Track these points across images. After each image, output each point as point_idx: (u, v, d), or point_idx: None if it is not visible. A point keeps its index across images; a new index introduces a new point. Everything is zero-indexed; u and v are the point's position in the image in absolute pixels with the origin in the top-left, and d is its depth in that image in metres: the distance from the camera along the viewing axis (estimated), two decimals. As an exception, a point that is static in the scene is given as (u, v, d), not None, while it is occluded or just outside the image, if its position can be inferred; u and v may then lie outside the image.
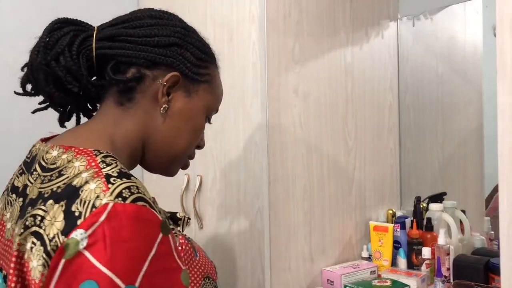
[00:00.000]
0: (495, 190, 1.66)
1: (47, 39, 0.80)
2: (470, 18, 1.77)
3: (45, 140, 0.87)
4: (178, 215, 0.93)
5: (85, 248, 0.62)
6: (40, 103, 0.88)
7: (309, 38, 1.53)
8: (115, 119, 0.82)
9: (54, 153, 0.76)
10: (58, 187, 0.69)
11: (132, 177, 0.70)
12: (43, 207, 0.67)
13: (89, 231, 0.62)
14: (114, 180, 0.67)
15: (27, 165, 0.82)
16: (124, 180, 0.68)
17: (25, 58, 0.84)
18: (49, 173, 0.73)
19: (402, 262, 1.57)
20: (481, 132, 1.73)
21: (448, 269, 1.44)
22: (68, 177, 0.70)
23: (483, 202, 1.71)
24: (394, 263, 1.59)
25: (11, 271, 0.66)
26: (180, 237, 0.81)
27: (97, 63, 0.82)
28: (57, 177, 0.71)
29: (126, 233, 0.63)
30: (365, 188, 1.72)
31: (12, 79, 0.96)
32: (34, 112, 0.88)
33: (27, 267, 0.66)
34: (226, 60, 1.54)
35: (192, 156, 0.94)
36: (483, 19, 1.71)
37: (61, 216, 0.65)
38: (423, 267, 1.50)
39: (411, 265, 1.56)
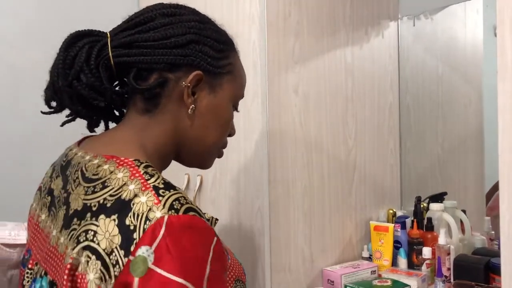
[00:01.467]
0: (495, 187, 1.66)
1: (64, 58, 0.78)
2: (471, 18, 1.77)
3: (78, 143, 0.87)
4: (206, 216, 0.93)
5: (154, 263, 0.63)
6: (67, 116, 0.87)
7: (309, 37, 1.53)
8: (143, 126, 0.82)
9: (95, 161, 0.76)
10: (105, 199, 0.69)
11: (176, 188, 0.71)
12: (95, 222, 0.68)
13: (154, 247, 0.63)
14: (163, 192, 0.68)
15: (63, 169, 0.82)
16: (172, 191, 0.69)
17: (26, 58, 0.83)
18: (92, 184, 0.73)
19: (402, 262, 1.57)
20: (481, 132, 1.73)
21: (449, 269, 1.44)
22: (113, 188, 0.70)
23: (483, 202, 1.71)
24: (394, 263, 1.59)
25: (64, 282, 0.68)
26: None
27: (117, 70, 0.80)
28: (101, 189, 0.71)
29: (186, 242, 0.64)
30: (366, 188, 1.72)
31: (12, 79, 0.96)
32: (62, 125, 0.88)
33: (82, 280, 0.66)
34: (226, 60, 1.54)
35: (225, 146, 0.94)
36: (483, 19, 1.71)
37: (116, 230, 0.65)
38: (424, 267, 1.50)
39: (411, 265, 1.56)
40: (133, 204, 0.66)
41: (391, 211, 1.73)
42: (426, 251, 1.50)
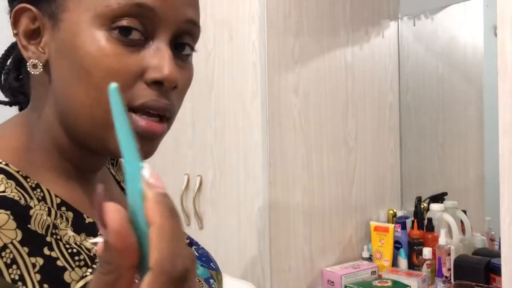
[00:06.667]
0: None
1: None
2: (471, 17, 1.76)
3: None
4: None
5: None
6: None
7: (309, 37, 1.52)
8: (26, 111, 0.57)
9: None
10: None
11: None
12: None
13: None
14: None
15: None
16: None
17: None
18: None
19: (402, 262, 1.56)
20: (481, 132, 1.72)
21: (449, 269, 1.43)
22: None
23: (484, 202, 1.71)
24: (394, 263, 1.59)
25: None
26: None
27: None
28: None
29: None
30: (366, 188, 1.71)
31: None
32: None
33: None
34: (226, 59, 1.54)
35: (138, 102, 0.49)
36: (483, 19, 1.71)
37: None
38: (424, 268, 1.50)
39: (411, 266, 1.56)
40: None
41: (392, 212, 1.73)
42: (427, 252, 1.50)
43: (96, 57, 0.47)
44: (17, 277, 0.43)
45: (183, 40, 0.51)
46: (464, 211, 1.64)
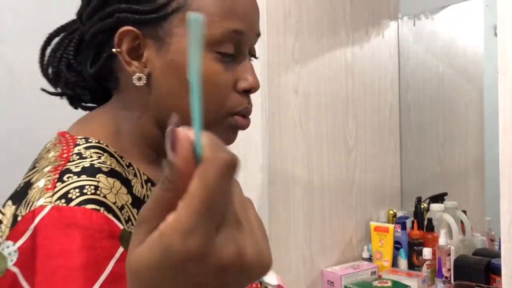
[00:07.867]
0: None
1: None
2: (471, 17, 1.76)
3: None
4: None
5: (15, 264, 0.49)
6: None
7: (309, 37, 1.52)
8: (116, 106, 0.67)
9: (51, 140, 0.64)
10: (22, 183, 0.58)
11: (99, 175, 0.53)
12: (2, 210, 0.56)
13: (18, 243, 0.49)
14: (68, 178, 0.52)
15: None
16: (83, 177, 0.52)
17: (24, 57, 0.82)
18: (30, 167, 0.62)
19: (402, 262, 1.56)
20: (482, 132, 1.72)
21: (449, 269, 1.43)
22: (37, 170, 0.57)
23: (484, 202, 1.71)
24: (394, 263, 1.59)
25: None
26: None
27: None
28: (29, 171, 0.59)
29: (65, 245, 0.48)
30: (366, 188, 1.71)
31: (10, 78, 0.95)
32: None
33: None
34: (226, 59, 1.54)
35: (233, 110, 0.63)
36: (484, 19, 1.71)
37: (11, 220, 0.52)
38: (424, 268, 1.49)
39: (411, 266, 1.56)
40: (31, 189, 0.54)
41: (392, 212, 1.73)
42: (427, 252, 1.49)
43: (205, 75, 0.52)
44: None
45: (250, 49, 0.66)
46: (464, 211, 1.64)
